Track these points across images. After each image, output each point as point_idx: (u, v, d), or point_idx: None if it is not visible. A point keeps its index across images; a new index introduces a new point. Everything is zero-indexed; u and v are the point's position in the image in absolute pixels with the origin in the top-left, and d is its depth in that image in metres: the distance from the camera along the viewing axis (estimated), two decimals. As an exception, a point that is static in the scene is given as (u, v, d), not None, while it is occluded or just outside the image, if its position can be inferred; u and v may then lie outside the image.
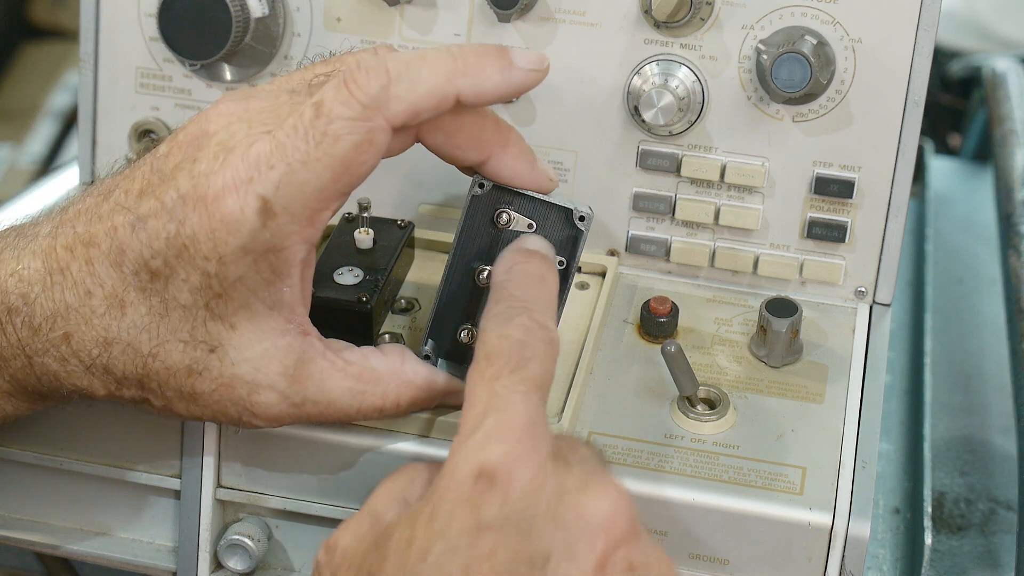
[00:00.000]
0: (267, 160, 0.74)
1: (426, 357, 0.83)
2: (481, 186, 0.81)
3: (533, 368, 0.71)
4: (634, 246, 0.96)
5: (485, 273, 0.82)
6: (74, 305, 0.76)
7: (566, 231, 0.82)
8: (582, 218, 0.81)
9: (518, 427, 0.68)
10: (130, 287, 0.76)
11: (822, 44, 0.90)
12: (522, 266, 0.78)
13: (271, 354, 0.77)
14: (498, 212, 0.82)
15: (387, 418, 0.81)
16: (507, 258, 0.79)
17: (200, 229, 0.74)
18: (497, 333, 0.72)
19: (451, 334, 0.83)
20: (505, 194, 0.81)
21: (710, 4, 0.91)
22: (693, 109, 0.92)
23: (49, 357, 0.77)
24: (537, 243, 0.80)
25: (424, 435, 0.83)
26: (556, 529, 0.66)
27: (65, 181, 1.25)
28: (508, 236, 0.82)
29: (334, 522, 0.85)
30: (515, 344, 0.72)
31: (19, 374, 0.77)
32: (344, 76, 0.74)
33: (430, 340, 0.83)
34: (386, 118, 0.74)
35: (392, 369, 0.80)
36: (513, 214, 0.82)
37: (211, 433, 0.84)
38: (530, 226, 0.82)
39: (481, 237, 0.82)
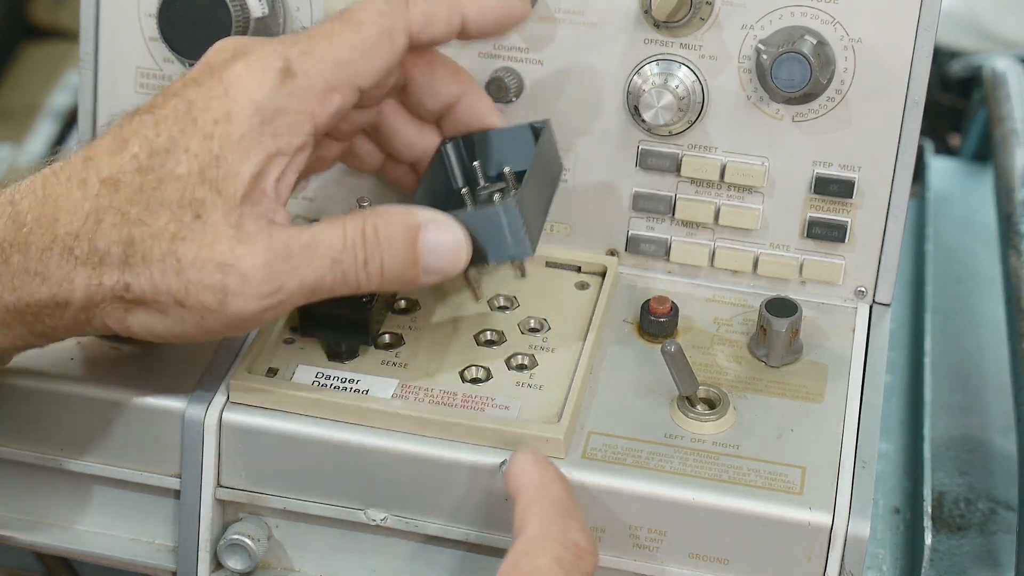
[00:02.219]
0: (292, 38, 0.80)
1: None
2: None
3: None
4: (634, 246, 0.96)
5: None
6: (63, 193, 0.77)
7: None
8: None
9: None
10: (126, 168, 0.77)
11: (822, 44, 0.90)
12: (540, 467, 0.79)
13: (248, 215, 0.77)
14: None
15: (381, 274, 0.80)
16: (522, 462, 0.80)
17: (213, 94, 0.78)
18: (552, 554, 0.74)
19: None
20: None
21: (710, 4, 0.91)
22: (693, 109, 0.92)
23: (30, 250, 0.77)
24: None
25: (424, 435, 0.83)
26: None
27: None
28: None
29: (334, 522, 0.86)
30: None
31: None
32: None
33: None
34: (406, 19, 0.82)
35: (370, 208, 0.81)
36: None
37: (211, 433, 0.84)
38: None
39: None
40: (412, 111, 0.90)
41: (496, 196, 0.85)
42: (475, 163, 0.89)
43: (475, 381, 0.86)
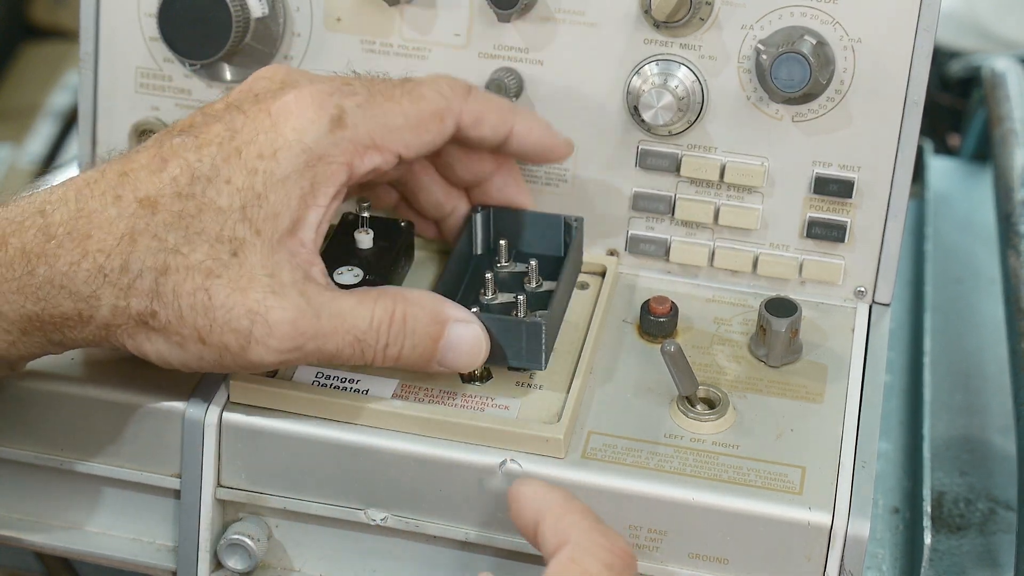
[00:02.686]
0: (350, 85, 0.81)
1: None
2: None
3: None
4: (634, 246, 0.96)
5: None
6: (98, 209, 0.77)
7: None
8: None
9: None
10: (165, 192, 0.77)
11: (821, 44, 0.90)
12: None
13: (285, 265, 0.77)
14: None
15: (398, 359, 0.81)
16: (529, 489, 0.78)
17: (260, 126, 0.78)
18: (601, 560, 0.73)
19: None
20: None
21: (709, 4, 0.91)
22: (692, 109, 0.92)
23: (58, 263, 0.76)
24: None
25: (424, 435, 0.83)
26: None
27: (65, 181, 1.25)
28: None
29: (334, 522, 0.86)
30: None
31: (12, 294, 0.77)
32: (440, 75, 0.86)
33: None
34: (461, 109, 0.84)
35: (397, 289, 0.82)
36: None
37: (211, 432, 0.84)
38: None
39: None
40: (442, 173, 0.91)
41: (520, 298, 0.85)
42: (501, 241, 0.91)
43: (475, 381, 0.86)
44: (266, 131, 0.78)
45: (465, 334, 0.81)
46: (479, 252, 0.92)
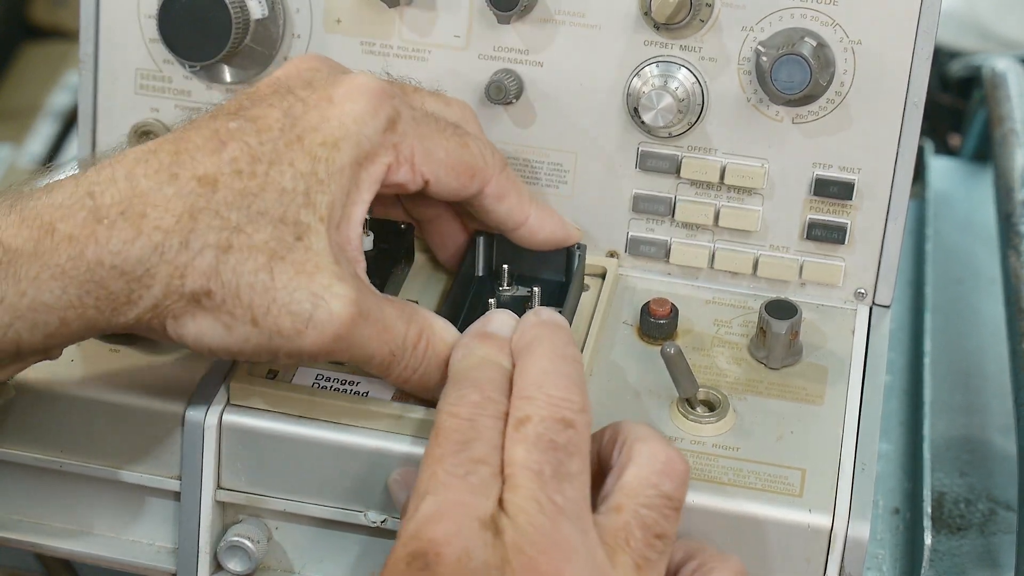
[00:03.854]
0: (407, 100, 0.82)
1: None
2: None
3: (476, 448, 0.72)
4: (634, 248, 0.96)
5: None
6: (152, 188, 0.75)
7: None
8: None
9: (449, 508, 0.70)
10: (225, 170, 0.76)
11: (822, 46, 0.90)
12: (476, 350, 0.79)
13: (343, 257, 0.77)
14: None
15: (407, 382, 0.81)
16: (458, 347, 0.80)
17: (324, 117, 0.78)
18: (446, 412, 0.74)
19: None
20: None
21: (710, 6, 0.91)
22: (693, 111, 0.92)
23: (110, 243, 0.74)
24: (499, 322, 0.81)
25: (424, 437, 0.83)
26: None
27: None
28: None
29: (334, 523, 0.86)
30: (462, 423, 0.73)
31: (52, 280, 0.75)
32: (488, 141, 0.87)
33: None
34: (494, 177, 0.85)
35: (427, 313, 0.82)
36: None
37: (211, 434, 0.84)
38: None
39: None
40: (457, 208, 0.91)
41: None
42: (504, 265, 0.91)
43: None
44: (328, 120, 0.78)
45: None
46: (481, 274, 0.92)
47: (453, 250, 0.93)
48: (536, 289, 0.89)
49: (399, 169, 0.80)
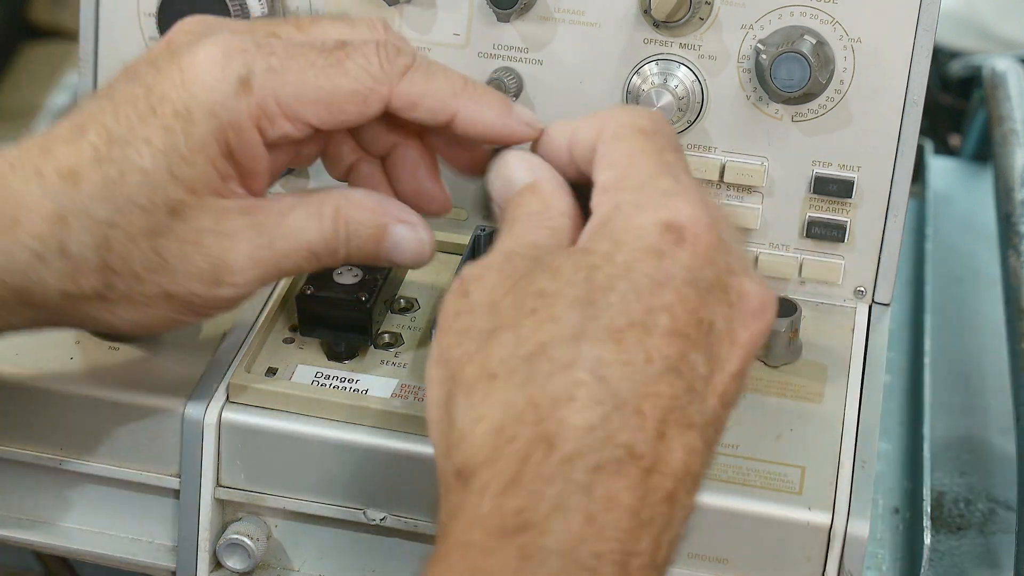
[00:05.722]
0: (269, 42, 0.75)
1: None
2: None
3: (681, 155, 0.72)
4: (633, 246, 0.96)
5: None
6: (22, 190, 0.74)
7: None
8: None
9: (697, 195, 0.69)
10: (85, 159, 0.74)
11: (821, 44, 0.90)
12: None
13: (227, 211, 0.75)
14: None
15: (347, 259, 0.79)
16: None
17: (171, 82, 0.74)
18: (640, 112, 0.73)
19: None
20: None
21: (709, 4, 0.91)
22: (692, 109, 0.92)
23: None
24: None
25: (424, 435, 0.83)
26: (722, 303, 0.67)
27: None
28: None
29: (334, 522, 0.86)
30: (660, 120, 0.72)
31: None
32: (379, 41, 0.76)
33: None
34: (391, 91, 0.76)
35: (339, 191, 0.79)
36: None
37: (210, 432, 0.84)
38: None
39: None
40: (356, 139, 0.84)
41: None
42: None
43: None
44: (177, 87, 0.74)
45: (408, 236, 0.79)
46: None
47: (428, 185, 0.84)
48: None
49: (272, 125, 0.75)
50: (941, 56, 1.57)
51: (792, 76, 0.89)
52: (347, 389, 0.85)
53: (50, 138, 0.75)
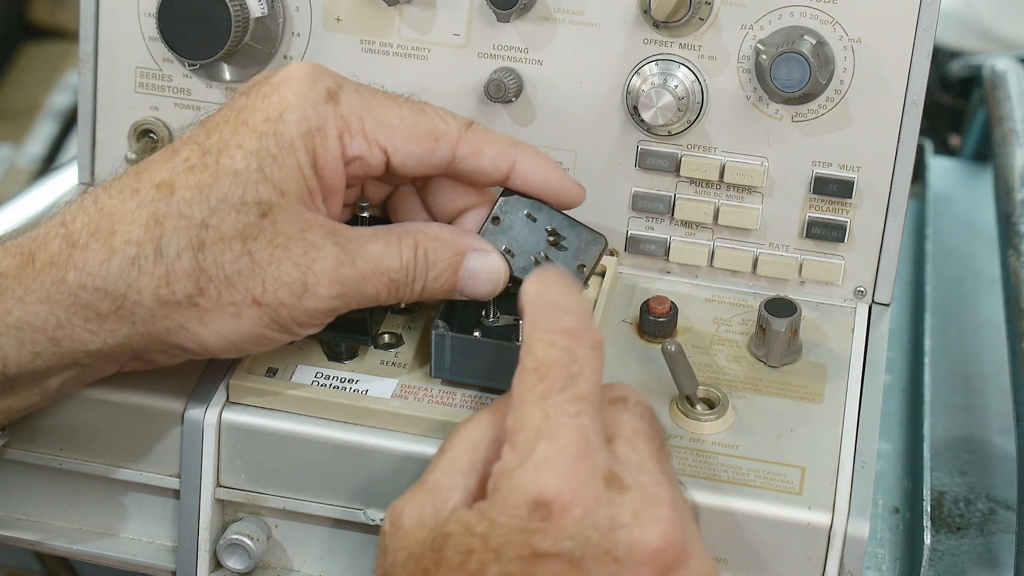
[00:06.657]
0: (356, 82, 0.82)
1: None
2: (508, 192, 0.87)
3: (582, 384, 0.73)
4: (633, 246, 0.96)
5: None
6: (117, 206, 0.78)
7: (587, 244, 0.88)
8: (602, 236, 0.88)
9: (571, 456, 0.70)
10: (179, 170, 0.78)
11: (821, 44, 0.90)
12: (552, 279, 0.78)
13: (313, 220, 0.79)
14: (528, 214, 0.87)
15: (423, 292, 0.82)
16: (534, 277, 0.79)
17: (263, 93, 0.80)
18: (545, 341, 0.74)
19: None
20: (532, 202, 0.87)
21: (709, 4, 0.91)
22: (692, 109, 0.92)
23: (87, 265, 0.77)
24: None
25: (423, 435, 0.83)
26: (607, 563, 0.69)
27: (65, 181, 1.25)
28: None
29: (333, 522, 0.86)
30: (563, 354, 0.73)
31: (38, 303, 0.77)
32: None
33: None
34: (460, 138, 0.83)
35: (416, 225, 0.83)
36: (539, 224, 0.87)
37: (211, 433, 0.84)
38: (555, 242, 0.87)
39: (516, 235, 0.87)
40: (425, 205, 0.89)
41: (522, 321, 0.82)
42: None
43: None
44: (269, 96, 0.79)
45: (484, 264, 0.84)
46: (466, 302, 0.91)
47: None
48: (522, 322, 0.87)
49: (352, 141, 0.81)
50: (941, 56, 1.57)
51: (792, 76, 0.89)
52: (347, 389, 0.85)
53: (144, 163, 0.80)
